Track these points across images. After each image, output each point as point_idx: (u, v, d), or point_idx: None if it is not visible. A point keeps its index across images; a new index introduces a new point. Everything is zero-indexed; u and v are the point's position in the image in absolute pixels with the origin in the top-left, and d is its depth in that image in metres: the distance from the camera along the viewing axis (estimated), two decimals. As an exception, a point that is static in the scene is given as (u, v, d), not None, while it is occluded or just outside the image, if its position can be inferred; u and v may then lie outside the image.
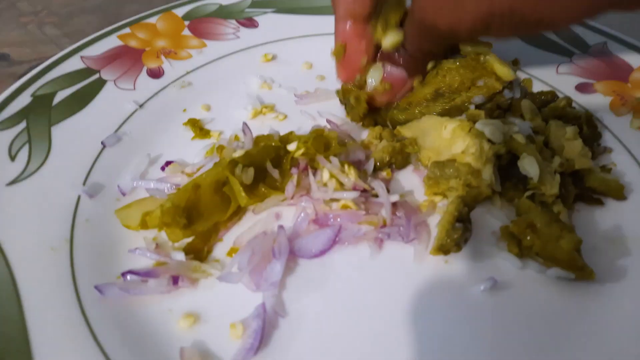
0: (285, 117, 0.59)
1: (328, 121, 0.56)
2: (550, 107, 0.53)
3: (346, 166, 0.47)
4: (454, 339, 0.39)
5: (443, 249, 0.43)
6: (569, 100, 0.54)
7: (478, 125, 0.46)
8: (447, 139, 0.47)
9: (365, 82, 0.53)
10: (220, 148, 0.49)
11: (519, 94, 0.53)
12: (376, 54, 0.53)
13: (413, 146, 0.50)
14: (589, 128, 0.52)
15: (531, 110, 0.51)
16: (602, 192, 0.48)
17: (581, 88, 0.60)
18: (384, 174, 0.51)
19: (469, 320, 0.40)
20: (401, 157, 0.51)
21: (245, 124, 0.50)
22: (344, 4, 0.50)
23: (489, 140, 0.46)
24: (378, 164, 0.50)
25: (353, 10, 0.50)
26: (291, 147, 0.48)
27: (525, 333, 0.40)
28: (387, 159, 0.50)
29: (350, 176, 0.46)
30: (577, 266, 0.41)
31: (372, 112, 0.55)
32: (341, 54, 0.53)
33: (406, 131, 0.52)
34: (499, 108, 0.52)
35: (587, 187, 0.48)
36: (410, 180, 0.51)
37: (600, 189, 0.48)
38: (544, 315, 0.41)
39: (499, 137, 0.46)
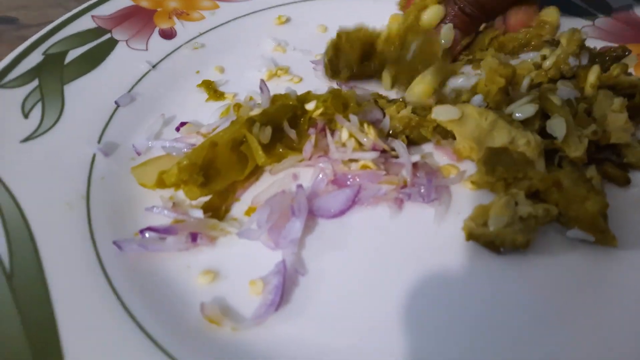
0: (301, 79, 0.58)
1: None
2: (604, 75, 0.50)
3: (365, 125, 0.46)
4: (473, 299, 0.39)
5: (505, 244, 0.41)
6: (623, 68, 0.51)
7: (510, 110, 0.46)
8: (487, 129, 0.45)
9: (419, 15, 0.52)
10: (237, 106, 0.48)
11: (586, 60, 0.51)
12: None
13: (430, 126, 0.48)
14: None
15: (595, 79, 0.49)
16: None
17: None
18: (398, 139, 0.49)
19: (489, 280, 0.40)
20: (417, 132, 0.48)
21: (262, 81, 0.49)
22: None
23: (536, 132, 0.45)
24: (391, 131, 0.49)
25: None
26: (309, 106, 0.47)
27: (543, 296, 0.39)
28: (400, 129, 0.48)
29: (370, 135, 0.46)
30: (599, 229, 0.41)
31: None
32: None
33: (441, 117, 0.47)
34: (562, 77, 0.50)
35: (624, 163, 0.47)
36: (429, 148, 0.50)
37: (639, 164, 0.47)
38: (562, 278, 0.40)
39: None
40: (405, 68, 0.53)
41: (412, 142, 0.49)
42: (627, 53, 0.53)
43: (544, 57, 0.53)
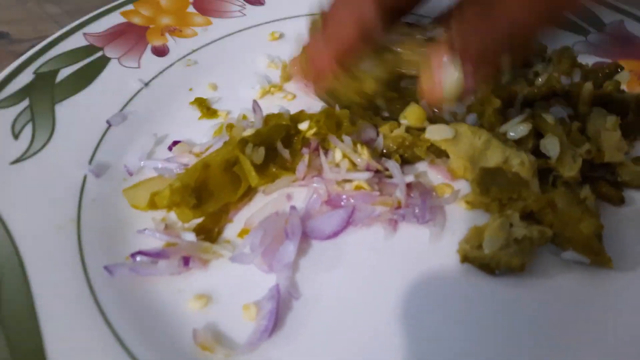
0: (294, 96, 0.58)
1: None
2: (596, 92, 0.50)
3: (359, 146, 0.46)
4: (468, 321, 0.39)
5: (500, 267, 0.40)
6: (616, 85, 0.51)
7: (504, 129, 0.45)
8: (480, 148, 0.45)
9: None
10: (230, 127, 0.48)
11: (578, 78, 0.51)
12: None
13: (424, 146, 0.47)
14: (636, 115, 0.50)
15: (588, 96, 0.49)
16: (636, 186, 0.47)
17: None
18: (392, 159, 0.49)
19: (484, 302, 0.40)
20: (411, 152, 0.48)
21: (255, 101, 0.49)
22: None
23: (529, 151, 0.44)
24: (385, 150, 0.48)
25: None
26: (303, 126, 0.46)
27: (537, 317, 0.39)
28: (394, 148, 0.48)
29: (364, 156, 0.45)
30: (594, 251, 0.41)
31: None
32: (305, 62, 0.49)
33: (435, 137, 0.46)
34: (555, 95, 0.50)
35: (619, 182, 0.47)
36: (423, 167, 0.50)
37: (633, 183, 0.47)
38: (556, 299, 0.40)
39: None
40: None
41: (406, 162, 0.49)
42: (619, 70, 0.54)
43: (537, 74, 0.53)
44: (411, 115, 0.47)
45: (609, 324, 0.39)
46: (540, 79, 0.51)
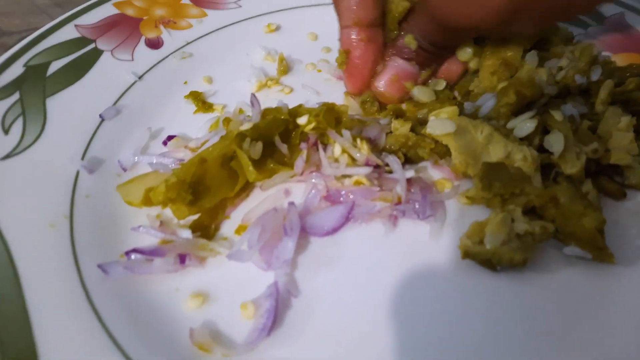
0: (292, 90, 0.57)
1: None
2: (617, 90, 0.49)
3: (358, 140, 0.45)
4: (470, 317, 0.38)
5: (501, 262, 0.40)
6: (638, 83, 0.49)
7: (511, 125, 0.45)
8: (482, 143, 0.44)
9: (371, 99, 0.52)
10: (227, 120, 0.47)
11: (597, 76, 0.50)
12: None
13: (427, 147, 0.46)
14: None
15: (607, 94, 0.48)
16: None
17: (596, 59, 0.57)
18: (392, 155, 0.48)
19: (486, 298, 0.39)
20: (413, 152, 0.47)
21: (253, 95, 0.48)
22: (347, 11, 0.47)
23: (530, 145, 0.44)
24: (388, 146, 0.47)
25: (357, 17, 0.47)
26: (301, 120, 0.45)
27: (539, 312, 0.38)
28: (397, 148, 0.47)
29: (363, 151, 0.44)
30: (596, 246, 0.40)
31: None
32: (344, 62, 0.50)
33: (437, 131, 0.45)
34: (570, 93, 0.49)
35: (627, 185, 0.46)
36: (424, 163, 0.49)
37: None
38: (558, 294, 0.40)
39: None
40: None
41: (409, 161, 0.48)
42: None
43: (560, 69, 0.51)
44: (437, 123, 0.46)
45: (611, 318, 0.38)
46: (558, 76, 0.50)
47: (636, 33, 0.60)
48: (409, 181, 0.45)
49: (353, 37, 0.49)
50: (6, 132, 0.47)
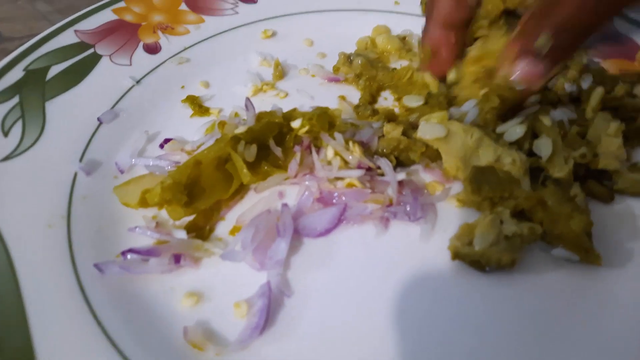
0: (287, 94, 0.58)
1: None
2: (607, 96, 0.50)
3: (350, 143, 0.46)
4: (458, 318, 0.39)
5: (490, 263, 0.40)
6: (628, 89, 0.50)
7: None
8: (472, 147, 0.45)
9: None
10: (222, 124, 0.48)
11: (587, 85, 0.51)
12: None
13: (418, 151, 0.47)
14: None
15: (597, 102, 0.49)
16: (634, 194, 0.47)
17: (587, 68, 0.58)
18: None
19: (475, 299, 0.40)
20: (405, 155, 0.48)
21: (248, 99, 0.49)
22: (442, 9, 0.49)
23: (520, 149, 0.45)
24: (380, 150, 0.48)
25: (450, 17, 0.49)
26: (295, 124, 0.46)
27: (527, 313, 0.39)
28: (388, 151, 0.48)
29: (355, 154, 0.45)
30: (584, 248, 0.41)
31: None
32: (429, 57, 0.52)
33: (427, 136, 0.46)
34: (559, 101, 0.50)
35: (615, 189, 0.47)
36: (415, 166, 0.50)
37: (629, 191, 0.47)
38: (546, 295, 0.40)
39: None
40: None
41: (401, 164, 0.49)
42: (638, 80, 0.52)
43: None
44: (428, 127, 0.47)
45: (598, 319, 0.39)
46: (550, 83, 0.51)
47: (625, 39, 0.61)
48: (401, 183, 0.46)
49: (441, 37, 0.51)
50: (6, 134, 0.47)
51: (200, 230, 0.43)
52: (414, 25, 0.62)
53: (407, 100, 0.52)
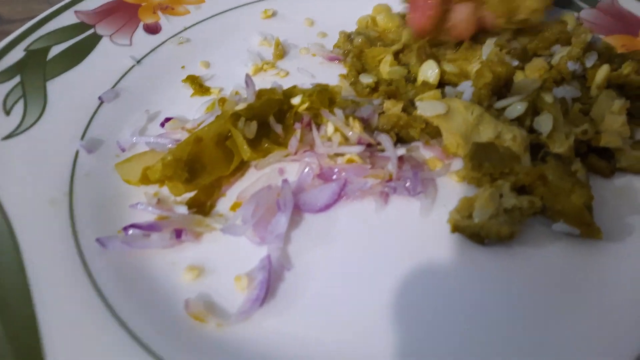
0: (287, 73, 0.57)
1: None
2: (613, 74, 0.49)
3: (351, 119, 0.46)
4: (459, 291, 0.39)
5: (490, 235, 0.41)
6: (635, 66, 0.49)
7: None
8: (473, 124, 0.45)
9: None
10: (222, 101, 0.48)
11: (591, 63, 0.50)
12: None
13: (418, 127, 0.47)
14: None
15: (603, 79, 0.48)
16: (636, 171, 0.46)
17: (589, 43, 0.58)
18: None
19: (475, 272, 0.40)
20: (405, 132, 0.48)
21: (248, 75, 0.49)
22: None
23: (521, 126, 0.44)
24: (380, 127, 0.48)
25: None
26: (295, 100, 0.46)
27: (529, 288, 0.39)
28: (388, 128, 0.48)
29: (355, 129, 0.45)
30: (584, 222, 0.41)
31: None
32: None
33: (428, 113, 0.46)
34: (563, 79, 0.50)
35: (618, 167, 0.46)
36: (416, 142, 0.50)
37: (631, 169, 0.46)
38: (546, 269, 0.40)
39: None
40: None
41: (401, 140, 0.49)
42: None
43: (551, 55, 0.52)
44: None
45: (598, 292, 0.39)
46: (554, 59, 0.51)
47: (627, 15, 0.60)
48: (401, 159, 0.46)
49: None
50: (7, 113, 0.48)
51: (201, 206, 0.43)
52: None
53: (363, 77, 0.53)
